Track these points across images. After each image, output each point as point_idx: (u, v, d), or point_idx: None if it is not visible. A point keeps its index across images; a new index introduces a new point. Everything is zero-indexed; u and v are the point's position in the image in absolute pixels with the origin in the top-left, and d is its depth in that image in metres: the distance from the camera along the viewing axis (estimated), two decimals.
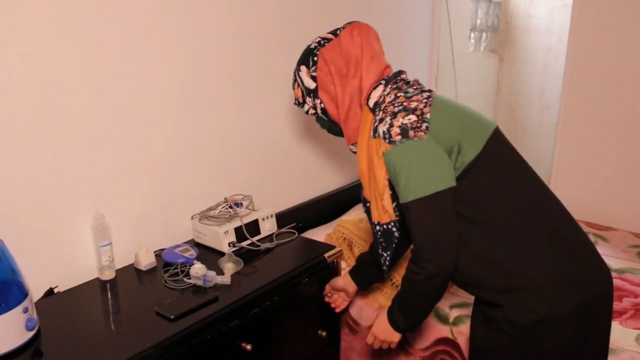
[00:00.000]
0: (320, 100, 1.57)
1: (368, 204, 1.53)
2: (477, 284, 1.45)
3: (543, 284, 1.35)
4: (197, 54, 2.19)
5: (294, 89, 1.65)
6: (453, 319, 2.17)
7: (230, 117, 2.38)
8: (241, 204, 2.23)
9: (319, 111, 1.60)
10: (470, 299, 2.22)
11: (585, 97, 3.30)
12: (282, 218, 2.44)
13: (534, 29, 4.76)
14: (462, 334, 2.11)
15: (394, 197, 1.43)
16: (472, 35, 4.69)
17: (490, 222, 1.38)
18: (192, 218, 2.21)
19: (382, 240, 1.52)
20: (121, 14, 1.89)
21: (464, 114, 1.45)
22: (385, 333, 1.64)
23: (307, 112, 1.63)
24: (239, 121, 2.42)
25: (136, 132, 2.02)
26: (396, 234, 1.48)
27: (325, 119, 1.60)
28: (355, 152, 1.56)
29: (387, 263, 1.57)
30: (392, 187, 1.42)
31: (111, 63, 1.90)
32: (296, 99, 1.65)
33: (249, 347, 1.73)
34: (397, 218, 1.46)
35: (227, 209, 2.19)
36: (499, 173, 1.40)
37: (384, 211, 1.45)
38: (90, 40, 1.82)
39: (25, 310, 1.50)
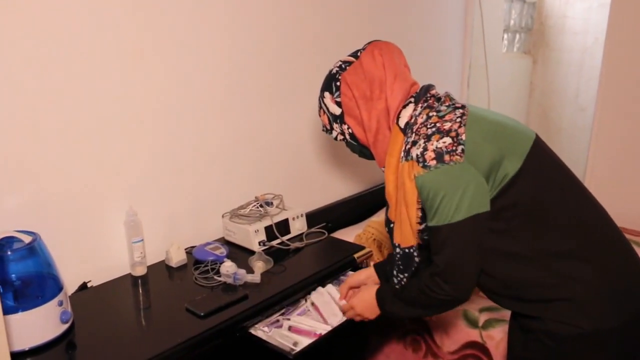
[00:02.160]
0: (348, 125, 1.52)
1: (392, 225, 1.50)
2: (516, 297, 1.40)
3: (586, 297, 1.30)
4: (231, 55, 2.20)
5: (320, 116, 1.60)
6: (482, 322, 2.15)
7: (262, 117, 2.39)
8: (272, 203, 2.24)
9: (347, 136, 1.55)
10: None
11: (621, 99, 3.23)
12: (312, 218, 2.44)
13: (569, 29, 4.68)
14: (491, 337, 2.09)
15: (422, 218, 1.39)
16: (506, 36, 4.63)
17: (532, 236, 1.33)
18: (222, 216, 2.23)
19: (400, 262, 1.49)
20: (156, 15, 1.92)
21: (501, 127, 1.38)
22: (368, 310, 1.62)
23: (335, 139, 1.59)
24: (270, 121, 2.43)
25: (169, 131, 2.05)
26: (416, 259, 1.45)
27: (355, 143, 1.56)
28: None
29: (402, 284, 1.52)
30: (421, 209, 1.38)
31: (145, 63, 1.92)
32: (324, 126, 1.61)
33: None
34: (419, 243, 1.43)
35: (258, 207, 2.20)
36: (541, 185, 1.34)
37: (412, 234, 1.42)
38: (125, 39, 1.85)
39: (60, 304, 1.53)
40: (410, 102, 1.43)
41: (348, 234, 2.55)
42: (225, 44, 2.18)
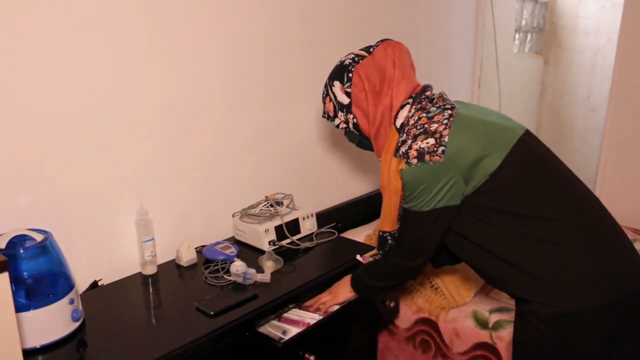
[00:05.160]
0: (354, 115, 1.61)
1: None
2: (504, 281, 1.48)
3: (568, 279, 1.36)
4: (241, 55, 2.21)
5: (324, 102, 1.68)
6: (493, 323, 2.14)
7: (272, 117, 2.39)
8: (282, 202, 2.24)
9: (350, 126, 1.64)
10: (510, 303, 2.19)
11: (633, 100, 3.20)
12: (322, 217, 2.44)
13: (581, 29, 4.64)
14: (501, 339, 2.08)
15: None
16: (517, 36, 4.61)
17: (513, 225, 1.41)
18: (233, 216, 2.23)
19: (377, 244, 1.71)
20: (167, 19, 1.93)
21: (486, 127, 1.46)
22: (341, 289, 1.83)
23: (337, 126, 1.67)
24: (280, 121, 2.43)
25: (180, 131, 2.05)
26: (389, 242, 1.65)
27: (356, 133, 1.65)
28: None
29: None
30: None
31: (158, 65, 1.93)
32: (326, 113, 1.68)
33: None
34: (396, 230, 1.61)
35: (268, 207, 2.21)
36: (520, 178, 1.41)
37: (393, 220, 1.60)
38: (136, 42, 1.86)
39: (72, 302, 1.54)
40: (408, 103, 1.54)
41: (358, 234, 2.55)
42: (235, 45, 2.18)
